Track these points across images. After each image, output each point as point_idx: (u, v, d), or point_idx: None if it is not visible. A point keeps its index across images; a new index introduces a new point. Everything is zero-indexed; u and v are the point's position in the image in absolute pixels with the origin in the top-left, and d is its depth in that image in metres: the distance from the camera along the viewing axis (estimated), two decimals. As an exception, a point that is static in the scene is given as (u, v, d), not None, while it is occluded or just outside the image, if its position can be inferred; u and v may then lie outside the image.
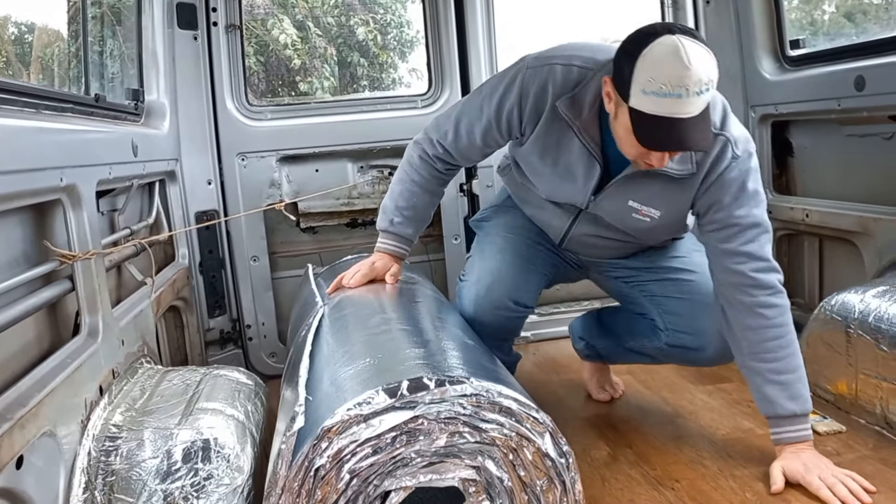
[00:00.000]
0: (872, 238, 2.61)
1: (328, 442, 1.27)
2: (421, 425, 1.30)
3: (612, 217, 2.04)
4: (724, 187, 1.87)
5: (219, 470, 1.47)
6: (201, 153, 2.94)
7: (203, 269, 2.97)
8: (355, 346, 1.62)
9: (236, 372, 2.01)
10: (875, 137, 2.69)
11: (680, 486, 1.91)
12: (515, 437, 1.35)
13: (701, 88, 1.60)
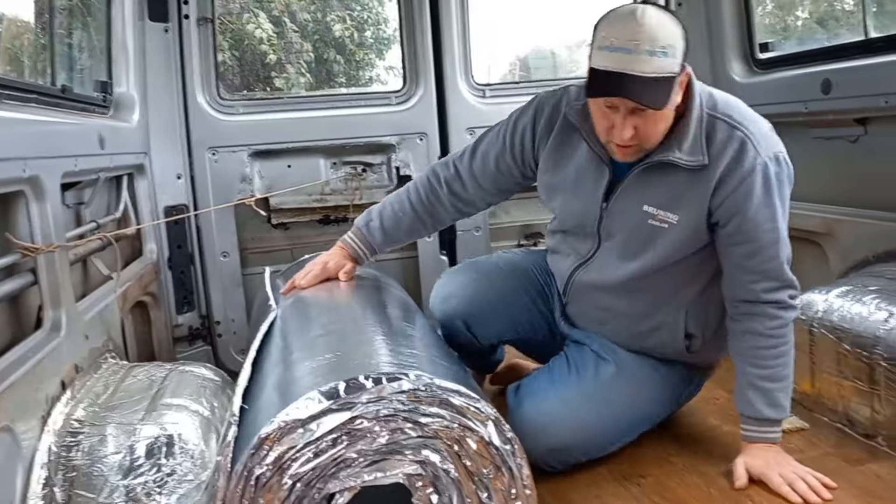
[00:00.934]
0: (837, 239, 2.65)
1: (267, 450, 1.26)
2: (360, 425, 1.29)
3: (628, 232, 1.92)
4: (749, 195, 1.78)
5: (182, 466, 1.47)
6: (171, 147, 2.91)
7: (172, 264, 2.94)
8: (294, 351, 1.61)
9: (203, 368, 2.00)
10: (841, 140, 2.73)
11: (645, 482, 1.92)
12: (458, 428, 1.35)
13: (654, 48, 1.61)
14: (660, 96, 1.66)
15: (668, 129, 1.79)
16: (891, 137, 2.53)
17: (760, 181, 1.79)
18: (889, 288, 2.18)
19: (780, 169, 1.82)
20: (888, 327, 2.01)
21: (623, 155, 1.82)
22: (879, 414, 2.01)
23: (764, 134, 1.83)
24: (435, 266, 3.20)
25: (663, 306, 2.00)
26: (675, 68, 1.67)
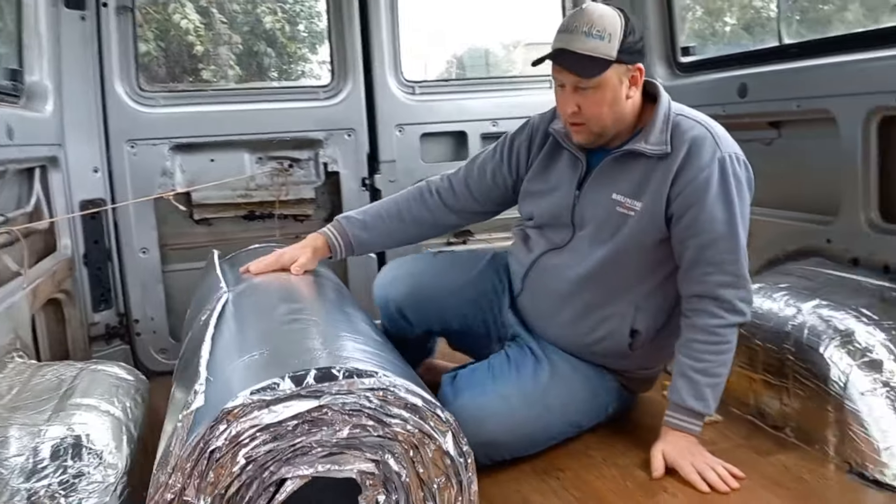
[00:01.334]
0: (752, 238, 2.72)
1: (227, 424, 1.23)
2: (325, 415, 1.28)
3: (598, 220, 2.02)
4: (707, 186, 1.88)
5: (90, 468, 1.41)
6: (87, 139, 2.81)
7: (88, 260, 2.83)
8: (261, 333, 1.59)
9: (117, 367, 1.94)
10: (756, 143, 2.83)
11: (564, 476, 1.96)
12: (418, 433, 1.35)
13: (591, 30, 1.85)
14: (588, 70, 1.86)
15: (620, 115, 1.95)
16: (802, 140, 2.64)
17: (718, 174, 1.88)
18: (798, 285, 2.27)
19: (739, 168, 1.93)
20: (796, 323, 2.10)
21: (576, 135, 1.99)
22: (788, 406, 2.09)
23: (725, 135, 1.96)
24: (362, 261, 3.17)
25: (616, 299, 2.05)
26: (611, 53, 1.86)
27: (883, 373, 1.88)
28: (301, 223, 3.28)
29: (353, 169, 3.19)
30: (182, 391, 1.53)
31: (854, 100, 2.26)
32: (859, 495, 1.78)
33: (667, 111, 1.96)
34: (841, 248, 2.36)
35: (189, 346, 1.77)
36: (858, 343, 1.95)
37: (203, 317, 1.85)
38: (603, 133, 1.97)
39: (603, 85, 1.89)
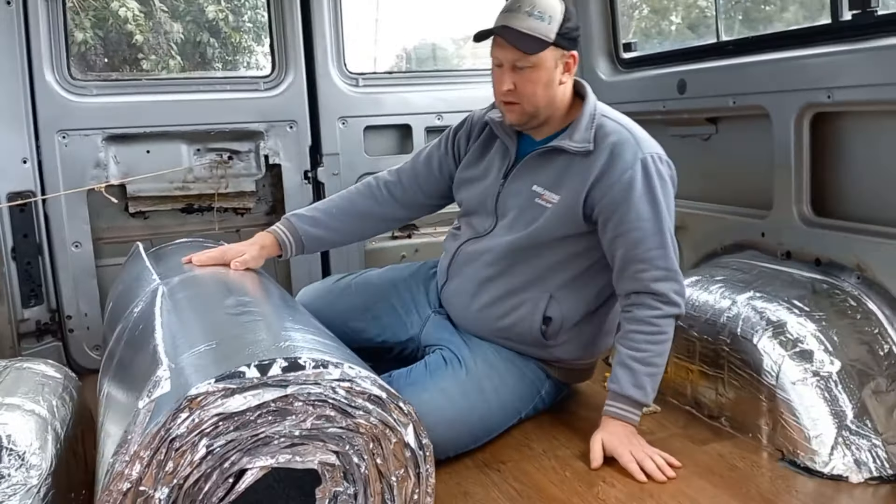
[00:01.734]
0: (690, 232, 2.80)
1: (189, 412, 1.20)
2: (290, 405, 1.27)
3: (518, 209, 2.09)
4: (631, 186, 1.94)
5: (11, 469, 1.37)
6: (15, 129, 2.69)
7: (16, 254, 2.73)
8: (210, 324, 1.55)
9: (44, 365, 1.87)
10: (695, 138, 2.89)
11: (505, 468, 1.96)
12: (380, 425, 1.35)
13: (533, 10, 1.93)
14: (526, 45, 1.93)
15: (552, 99, 2.01)
16: (737, 136, 2.70)
17: (641, 173, 1.95)
18: (733, 278, 2.32)
19: (661, 166, 2.00)
20: (731, 314, 2.14)
21: (509, 116, 2.05)
22: (723, 396, 2.14)
23: (645, 137, 2.04)
24: (305, 264, 3.14)
25: (530, 286, 2.10)
26: (550, 35, 1.94)
27: (813, 363, 1.94)
28: (241, 216, 3.21)
29: (296, 161, 3.13)
30: (123, 385, 1.48)
31: (787, 96, 2.32)
32: (790, 482, 1.82)
33: (593, 111, 2.05)
34: (774, 242, 2.42)
35: (128, 338, 1.70)
36: (790, 334, 2.00)
37: (137, 308, 1.80)
38: (535, 114, 2.03)
39: (539, 65, 1.96)
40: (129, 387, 1.42)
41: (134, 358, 1.54)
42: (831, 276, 2.20)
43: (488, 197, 2.16)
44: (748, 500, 1.75)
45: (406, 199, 2.34)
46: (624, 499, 1.78)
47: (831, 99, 2.18)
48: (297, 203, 3.12)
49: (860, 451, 1.83)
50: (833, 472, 1.82)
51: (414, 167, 2.34)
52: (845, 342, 1.99)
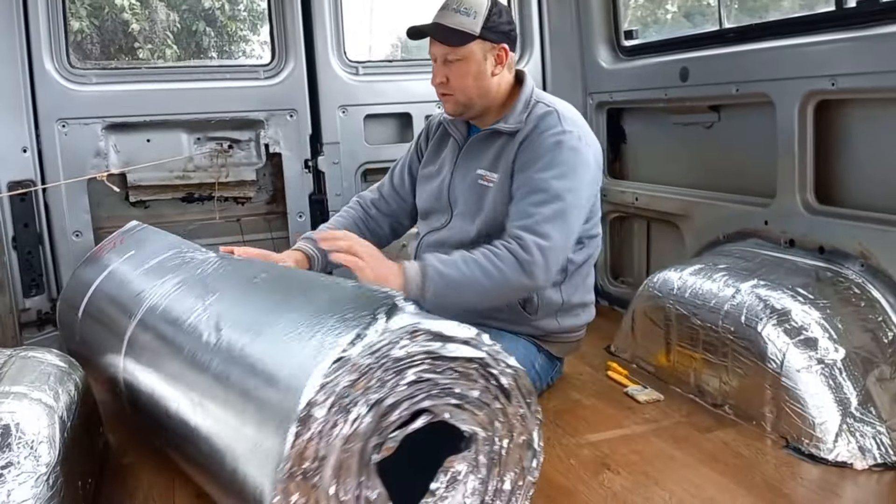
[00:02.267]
0: (692, 220, 2.80)
1: (412, 340, 1.29)
2: (472, 368, 1.37)
3: (467, 193, 2.19)
4: (543, 146, 2.05)
5: (20, 458, 1.35)
6: (15, 118, 2.68)
7: (17, 244, 2.72)
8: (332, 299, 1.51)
9: (48, 353, 1.86)
10: (697, 126, 2.88)
11: (510, 457, 1.96)
12: (520, 419, 1.45)
13: (459, 7, 2.07)
14: (451, 39, 2.07)
15: (485, 90, 2.13)
16: (740, 124, 2.69)
17: (554, 144, 2.05)
18: (737, 266, 2.32)
19: (578, 144, 2.06)
20: (735, 303, 2.14)
21: (446, 104, 2.19)
22: (727, 384, 2.14)
23: (573, 118, 2.13)
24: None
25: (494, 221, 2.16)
26: (475, 28, 2.07)
27: (818, 350, 1.94)
28: (242, 206, 3.21)
29: (296, 150, 3.12)
30: (288, 318, 1.44)
31: (791, 84, 2.31)
32: (795, 469, 1.83)
33: (528, 96, 2.16)
34: (778, 230, 2.41)
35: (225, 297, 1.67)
36: (794, 322, 2.00)
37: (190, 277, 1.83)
38: (469, 104, 2.15)
39: (467, 57, 2.09)
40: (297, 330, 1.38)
41: (290, 304, 1.52)
42: (835, 264, 2.20)
43: (443, 191, 2.27)
44: (753, 487, 1.75)
45: (394, 210, 2.46)
46: (629, 486, 1.78)
47: (835, 86, 2.17)
48: (298, 192, 3.12)
49: (864, 438, 1.84)
50: (837, 459, 1.83)
51: (391, 179, 2.48)
52: (850, 330, 1.99)
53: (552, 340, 2.25)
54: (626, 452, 1.94)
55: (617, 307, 3.23)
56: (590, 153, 2.08)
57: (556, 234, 1.99)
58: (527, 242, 1.96)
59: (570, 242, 2.07)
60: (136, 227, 2.43)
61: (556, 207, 2.00)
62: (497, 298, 2.06)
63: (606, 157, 3.33)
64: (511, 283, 1.97)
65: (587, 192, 2.09)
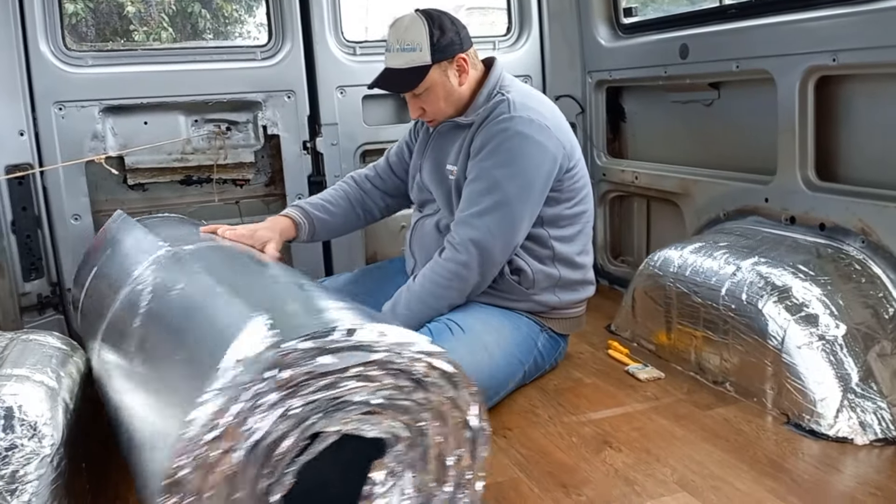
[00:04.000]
0: (692, 198, 2.79)
1: (281, 368, 1.15)
2: (373, 371, 1.25)
3: (435, 181, 2.26)
4: (489, 134, 2.07)
5: (24, 439, 1.35)
6: (11, 101, 2.65)
7: (16, 228, 2.71)
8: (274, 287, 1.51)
9: (50, 336, 1.86)
10: (697, 104, 2.87)
11: (511, 434, 1.97)
12: (448, 402, 1.33)
13: (402, 45, 2.10)
14: (409, 82, 2.12)
15: (459, 100, 2.17)
16: (740, 101, 2.68)
17: (499, 129, 2.06)
18: (737, 244, 2.32)
19: (528, 128, 2.06)
20: (736, 280, 2.14)
21: (428, 124, 2.28)
22: (728, 362, 2.15)
23: (525, 104, 2.11)
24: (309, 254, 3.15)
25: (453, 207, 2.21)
26: (426, 59, 2.09)
27: (819, 326, 1.94)
28: (240, 188, 3.19)
29: (294, 132, 3.10)
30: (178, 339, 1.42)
31: (791, 60, 2.29)
32: (796, 445, 1.84)
33: (492, 87, 2.17)
34: (778, 207, 2.41)
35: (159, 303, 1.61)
36: (795, 298, 2.00)
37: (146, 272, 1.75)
38: (449, 114, 2.20)
39: (431, 86, 2.12)
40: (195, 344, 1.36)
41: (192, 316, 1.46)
42: (836, 241, 2.20)
43: (421, 184, 2.33)
44: (754, 462, 1.76)
45: (388, 188, 2.50)
46: (631, 463, 1.79)
47: (836, 62, 2.16)
48: (296, 174, 3.11)
49: (865, 414, 1.85)
50: (838, 435, 1.84)
51: (387, 159, 2.52)
52: (850, 306, 1.99)
53: (554, 317, 2.26)
54: (627, 430, 1.95)
55: (617, 286, 3.24)
56: (544, 135, 2.07)
57: (494, 225, 2.05)
58: (460, 241, 2.06)
59: (516, 230, 2.09)
60: (117, 218, 2.45)
61: (496, 198, 2.05)
62: (458, 300, 2.14)
63: (605, 137, 3.32)
64: (458, 287, 2.11)
65: (539, 175, 2.08)
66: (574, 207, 2.21)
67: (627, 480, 1.72)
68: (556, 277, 2.21)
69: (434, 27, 2.09)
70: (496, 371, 2.07)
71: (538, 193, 2.10)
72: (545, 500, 1.66)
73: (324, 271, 3.18)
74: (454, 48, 2.12)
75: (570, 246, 2.22)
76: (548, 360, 2.30)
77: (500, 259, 2.10)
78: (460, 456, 1.37)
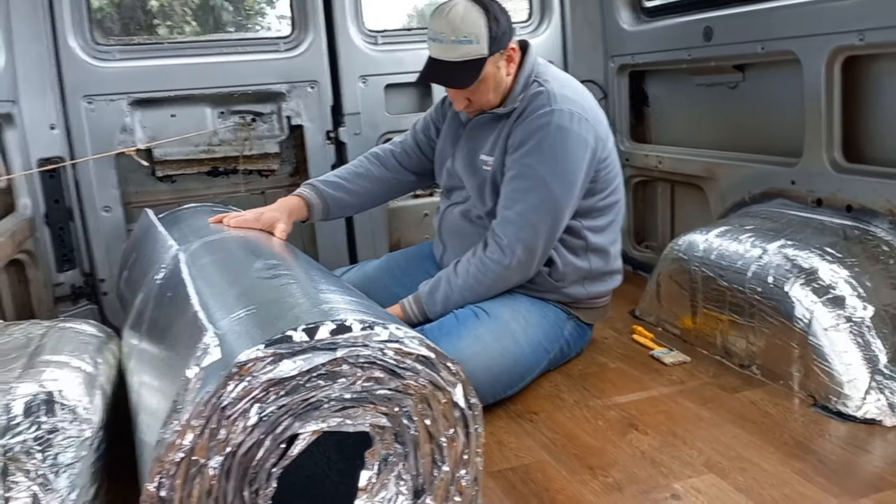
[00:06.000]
0: (717, 182, 2.78)
1: (239, 380, 1.15)
2: (339, 368, 1.23)
3: (468, 171, 2.22)
4: (530, 129, 2.04)
5: (64, 423, 1.39)
6: (42, 95, 2.71)
7: (49, 220, 2.77)
8: (243, 289, 1.50)
9: (85, 325, 1.91)
10: (721, 87, 2.85)
11: (538, 418, 1.99)
12: (429, 386, 1.31)
13: (458, 36, 1.97)
14: (466, 78, 2.01)
15: (505, 89, 2.12)
16: (766, 83, 2.66)
17: (541, 124, 2.03)
18: (763, 227, 2.31)
19: (568, 122, 2.03)
20: (762, 263, 2.13)
21: (471, 114, 2.20)
22: (754, 345, 2.14)
23: (565, 95, 2.07)
24: (330, 231, 3.17)
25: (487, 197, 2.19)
26: (483, 52, 2.00)
27: (846, 308, 1.93)
28: (266, 178, 3.23)
29: (318, 122, 3.13)
30: (161, 353, 1.47)
31: (817, 40, 2.27)
32: (823, 426, 1.84)
33: (528, 75, 2.12)
34: (805, 190, 2.39)
35: (157, 305, 1.70)
36: (822, 280, 1.99)
37: (158, 275, 1.79)
38: (495, 105, 2.14)
39: (485, 78, 2.04)
40: (171, 355, 1.40)
41: (171, 325, 1.51)
42: (863, 223, 2.18)
43: (452, 172, 2.29)
44: (781, 444, 1.77)
45: (412, 164, 2.46)
46: (657, 446, 1.80)
47: (863, 41, 2.13)
48: (320, 163, 3.13)
49: (894, 395, 1.84)
50: (866, 416, 1.83)
51: (413, 135, 2.47)
52: (878, 287, 1.98)
53: (581, 307, 2.26)
54: (653, 413, 1.96)
55: (641, 272, 3.23)
56: (584, 128, 2.05)
57: (540, 223, 2.05)
58: (508, 243, 2.05)
59: (558, 226, 2.09)
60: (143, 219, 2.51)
61: (541, 195, 2.03)
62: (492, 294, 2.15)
63: (629, 122, 3.31)
64: (500, 287, 2.12)
65: (581, 170, 2.06)
66: (607, 198, 2.20)
67: (654, 462, 1.73)
68: (585, 270, 2.20)
69: (491, 17, 1.99)
70: (521, 358, 2.08)
71: (580, 188, 2.09)
72: (572, 482, 1.68)
73: (347, 259, 3.21)
74: (506, 38, 2.05)
75: (602, 236, 2.21)
76: (573, 349, 2.31)
77: (543, 256, 2.10)
78: (453, 436, 1.35)
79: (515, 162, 2.06)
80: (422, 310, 2.13)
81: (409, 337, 1.29)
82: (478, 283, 2.10)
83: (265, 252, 1.88)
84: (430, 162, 2.44)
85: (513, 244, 2.04)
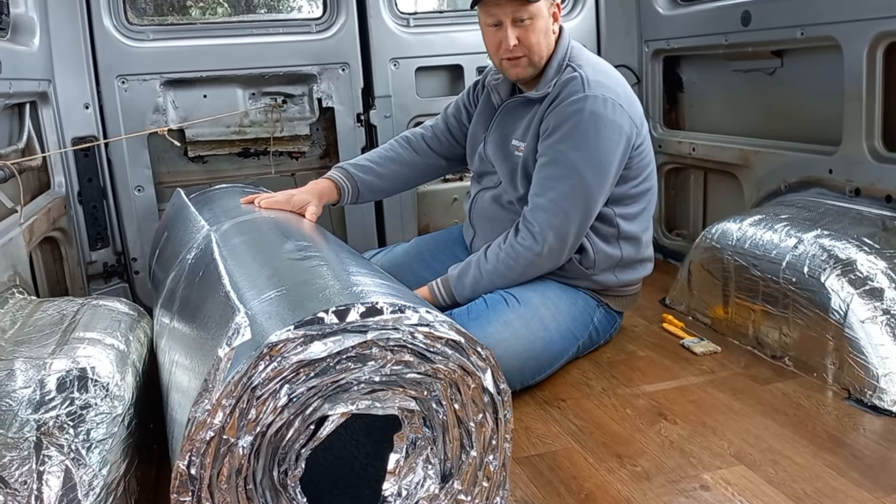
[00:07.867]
0: (752, 170, 2.73)
1: (270, 360, 1.16)
2: (369, 351, 1.22)
3: (499, 156, 2.21)
4: (563, 115, 2.02)
5: (97, 399, 1.41)
6: (77, 74, 2.74)
7: (83, 198, 2.80)
8: (275, 269, 1.51)
9: (118, 302, 1.93)
10: (759, 73, 2.79)
11: (565, 405, 1.98)
12: (459, 370, 1.30)
13: None
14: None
15: (548, 49, 2.08)
16: (805, 70, 2.60)
17: (574, 110, 2.01)
18: (799, 216, 2.27)
19: (603, 108, 2.01)
20: (797, 253, 2.10)
21: (515, 71, 2.11)
22: (787, 336, 2.11)
23: (600, 81, 2.06)
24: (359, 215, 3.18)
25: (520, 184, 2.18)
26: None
27: (884, 301, 1.89)
28: (296, 160, 3.24)
29: (348, 104, 3.13)
30: (193, 332, 1.48)
31: (859, 26, 2.21)
32: (857, 420, 1.80)
33: (561, 58, 2.11)
34: (843, 179, 2.34)
35: (188, 284, 1.71)
36: (860, 272, 1.95)
37: (190, 255, 1.80)
38: (538, 64, 2.10)
39: (537, 14, 2.03)
40: (202, 334, 1.40)
41: (202, 305, 1.51)
42: (903, 213, 2.13)
43: (484, 157, 2.28)
44: (814, 437, 1.74)
45: (443, 149, 2.46)
46: (686, 435, 1.78)
47: (908, 27, 2.08)
48: (350, 146, 3.13)
49: (931, 390, 1.80)
50: (902, 411, 1.80)
51: (445, 119, 2.47)
52: (917, 280, 1.94)
53: (611, 294, 2.24)
54: (682, 403, 1.94)
55: (671, 260, 3.20)
56: (618, 115, 2.02)
57: (572, 210, 2.03)
58: (540, 230, 2.04)
59: (590, 214, 2.08)
60: (174, 199, 2.54)
61: (573, 182, 2.02)
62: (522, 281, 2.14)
63: (662, 107, 3.26)
64: (531, 274, 2.12)
65: (615, 157, 2.04)
66: (640, 185, 2.17)
67: (683, 452, 1.71)
68: (617, 258, 2.18)
69: None
70: (550, 345, 2.07)
71: (613, 176, 2.07)
72: (599, 470, 1.67)
73: (376, 242, 3.22)
74: None
75: (634, 224, 2.19)
76: (602, 336, 2.29)
77: (574, 244, 2.09)
78: (482, 421, 1.35)
79: (548, 148, 2.04)
80: (450, 293, 2.12)
81: (439, 321, 1.28)
82: (508, 270, 2.09)
83: (296, 234, 1.88)
84: (461, 147, 2.43)
85: (545, 231, 2.03)
